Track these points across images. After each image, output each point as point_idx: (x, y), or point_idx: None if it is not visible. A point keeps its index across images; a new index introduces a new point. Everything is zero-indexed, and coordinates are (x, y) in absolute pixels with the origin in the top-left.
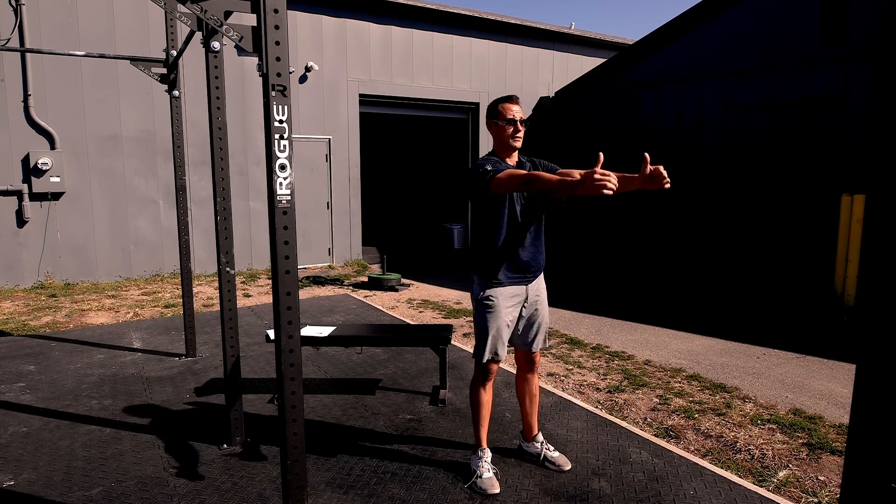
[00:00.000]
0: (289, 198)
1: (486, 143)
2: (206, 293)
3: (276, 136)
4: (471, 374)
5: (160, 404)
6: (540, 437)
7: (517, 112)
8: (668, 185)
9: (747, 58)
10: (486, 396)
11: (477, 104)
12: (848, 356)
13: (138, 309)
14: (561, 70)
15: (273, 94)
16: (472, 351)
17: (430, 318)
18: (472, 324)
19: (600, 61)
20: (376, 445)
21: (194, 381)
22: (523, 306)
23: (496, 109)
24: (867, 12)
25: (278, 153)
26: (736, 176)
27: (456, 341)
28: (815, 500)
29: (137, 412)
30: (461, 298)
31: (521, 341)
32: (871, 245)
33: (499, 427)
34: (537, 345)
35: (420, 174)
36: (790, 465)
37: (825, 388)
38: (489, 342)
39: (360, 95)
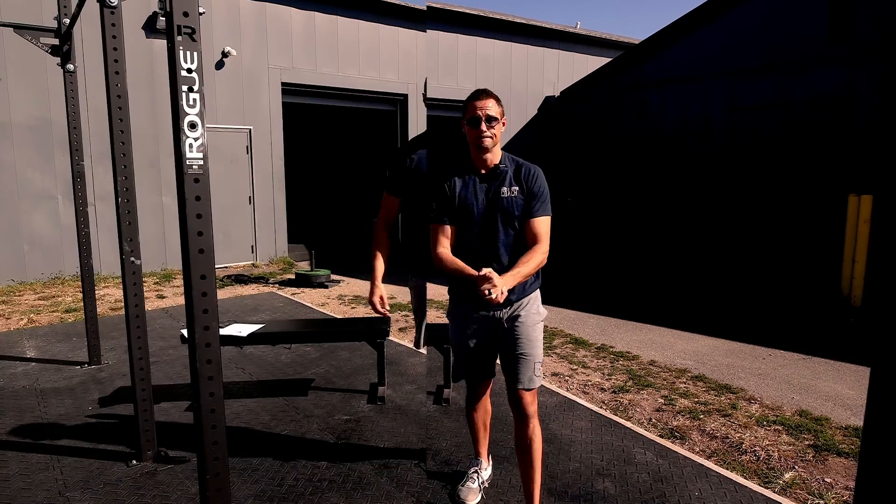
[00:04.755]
0: (201, 162)
1: (415, 135)
2: (114, 296)
3: (184, 87)
4: (410, 370)
5: (57, 419)
6: None
7: (485, 108)
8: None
9: (753, 57)
10: (475, 413)
11: (405, 96)
12: (855, 357)
13: (34, 315)
14: (566, 70)
15: (179, 38)
16: (410, 345)
17: (363, 314)
18: (406, 319)
19: (606, 61)
20: (311, 451)
21: (98, 390)
22: (493, 330)
23: (463, 108)
24: (874, 11)
25: (187, 108)
26: (742, 176)
27: (392, 336)
28: (822, 501)
29: (28, 429)
30: (395, 293)
31: (504, 371)
32: (880, 246)
33: (502, 427)
34: (520, 381)
35: (349, 168)
36: (796, 467)
37: (832, 389)
38: (460, 361)
39: (283, 84)
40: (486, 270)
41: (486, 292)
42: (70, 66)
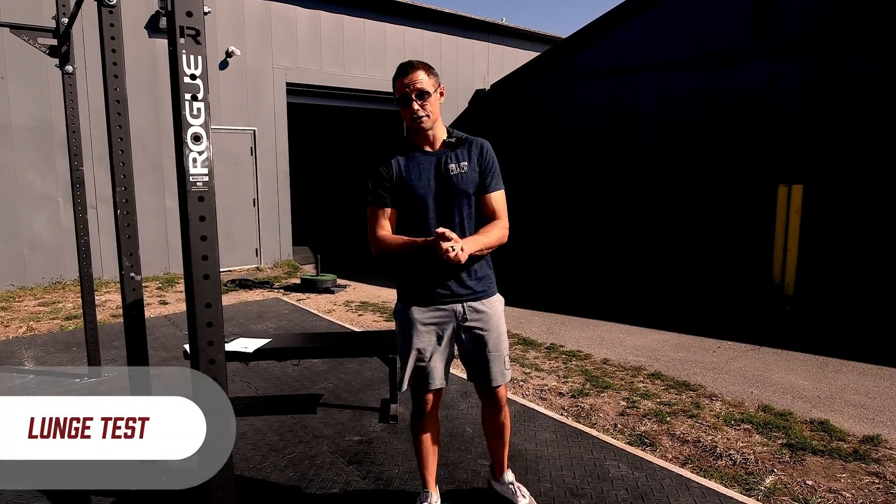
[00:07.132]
0: (206, 178)
1: None
2: (116, 301)
3: (188, 95)
4: None
5: None
6: (509, 477)
7: (414, 83)
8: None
9: (682, 50)
10: (423, 434)
11: None
12: (799, 346)
13: (33, 322)
14: (496, 63)
15: (182, 40)
16: None
17: (370, 321)
18: None
19: (534, 55)
20: (321, 475)
21: None
22: (454, 330)
23: (392, 87)
24: (797, 5)
25: (190, 119)
26: (674, 169)
27: None
28: None
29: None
30: (390, 298)
31: (468, 373)
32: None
33: (460, 445)
34: (492, 379)
35: (354, 170)
36: (775, 470)
37: (786, 380)
38: (406, 367)
39: (288, 84)
40: (441, 228)
41: (450, 249)
42: (69, 68)
